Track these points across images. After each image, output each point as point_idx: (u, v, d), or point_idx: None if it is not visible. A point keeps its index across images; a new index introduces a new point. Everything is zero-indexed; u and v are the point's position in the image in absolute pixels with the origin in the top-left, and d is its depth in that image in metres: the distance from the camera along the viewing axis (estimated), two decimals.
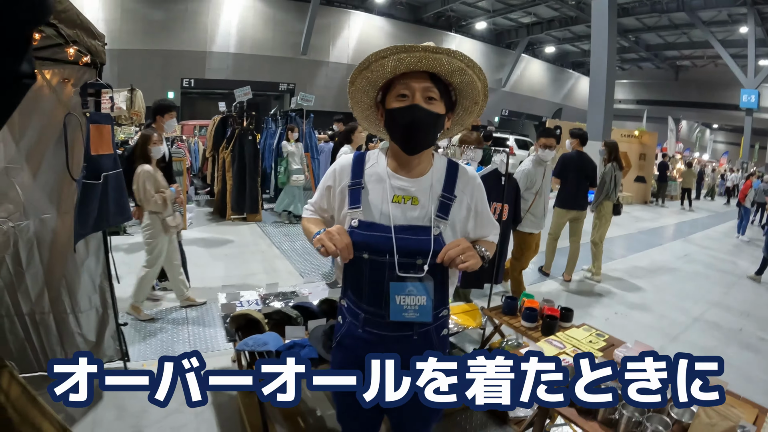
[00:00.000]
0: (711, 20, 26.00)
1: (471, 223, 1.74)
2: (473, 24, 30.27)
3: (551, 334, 3.19)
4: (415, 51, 1.49)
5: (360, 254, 1.58)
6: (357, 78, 1.60)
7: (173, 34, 21.47)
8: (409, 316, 1.54)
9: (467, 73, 1.58)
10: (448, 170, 1.69)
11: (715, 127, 42.56)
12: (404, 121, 1.56)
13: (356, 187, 1.64)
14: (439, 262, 1.55)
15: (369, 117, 1.75)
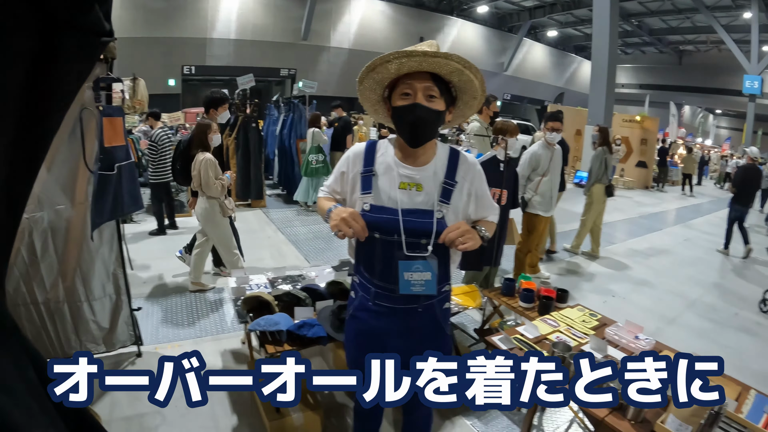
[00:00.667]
0: (715, 5, 25.80)
1: (472, 206, 1.91)
2: (475, 7, 30.08)
3: (547, 314, 3.32)
4: (416, 56, 1.64)
5: (372, 234, 1.76)
6: (365, 78, 1.76)
7: (174, 22, 21.36)
8: (416, 290, 1.73)
9: (465, 73, 1.72)
10: (450, 158, 1.85)
11: (718, 113, 42.36)
12: (408, 118, 1.72)
13: (368, 174, 1.82)
14: (441, 243, 1.72)
15: (378, 110, 1.92)
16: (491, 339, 2.83)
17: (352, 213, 1.71)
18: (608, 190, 7.08)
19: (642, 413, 2.08)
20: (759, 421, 2.14)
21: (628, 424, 2.07)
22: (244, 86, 8.99)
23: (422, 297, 1.81)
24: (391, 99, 1.79)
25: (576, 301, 3.95)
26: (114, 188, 3.07)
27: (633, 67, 39.89)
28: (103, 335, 3.54)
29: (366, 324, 1.89)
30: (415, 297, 1.80)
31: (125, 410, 3.08)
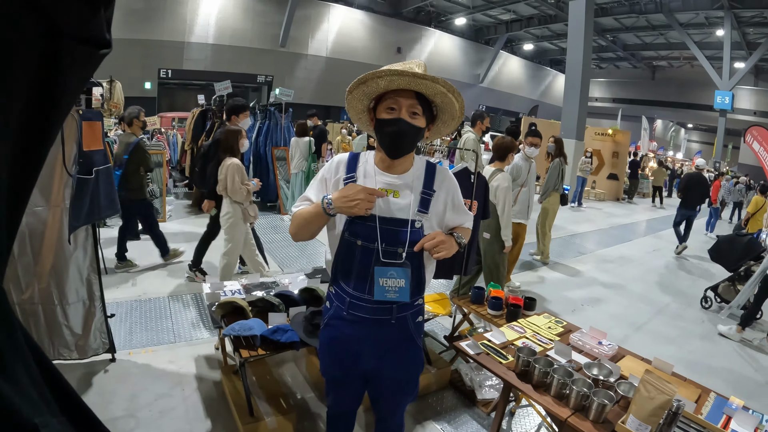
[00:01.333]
0: (688, 22, 26.51)
1: (449, 214, 2.00)
2: (453, 19, 30.41)
3: (514, 321, 3.43)
4: (406, 75, 1.73)
5: (355, 241, 1.84)
6: (355, 90, 1.85)
7: (152, 24, 21.16)
8: (390, 296, 1.81)
9: (448, 96, 1.83)
10: (427, 169, 1.95)
11: (690, 127, 43.34)
12: (390, 131, 1.82)
13: (350, 180, 1.90)
14: (416, 251, 1.82)
15: (362, 119, 2.01)
16: (460, 345, 2.91)
17: (362, 188, 1.78)
18: (563, 199, 7.41)
19: (604, 414, 2.17)
20: (718, 421, 2.24)
21: (590, 425, 2.16)
22: (222, 92, 9.00)
23: (395, 309, 1.88)
24: (376, 110, 1.89)
25: (546, 309, 4.06)
26: (92, 192, 3.10)
27: (607, 81, 40.64)
28: (76, 341, 3.53)
29: (339, 332, 1.94)
30: (388, 308, 1.87)
31: (99, 414, 3.06)
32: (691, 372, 3.28)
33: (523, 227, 5.91)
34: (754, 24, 24.79)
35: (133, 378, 3.55)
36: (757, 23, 24.53)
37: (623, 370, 2.61)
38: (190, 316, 4.70)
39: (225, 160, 4.67)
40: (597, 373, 2.50)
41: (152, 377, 3.58)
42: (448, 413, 3.44)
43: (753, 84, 31.85)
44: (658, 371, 2.64)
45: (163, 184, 8.25)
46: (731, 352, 5.13)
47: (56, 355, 3.48)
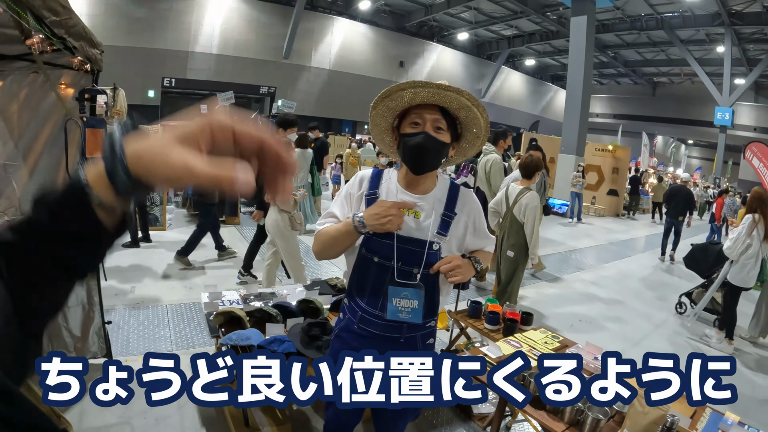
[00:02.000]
0: (689, 39, 26.68)
1: (469, 237, 1.97)
2: (455, 34, 30.61)
3: (511, 336, 3.44)
4: (430, 87, 1.73)
5: (371, 257, 1.84)
6: (379, 104, 1.83)
7: (156, 33, 21.32)
8: (402, 316, 1.81)
9: (472, 110, 1.81)
10: (450, 190, 1.94)
11: (690, 143, 43.46)
12: (413, 144, 1.80)
13: (372, 197, 1.89)
14: (431, 273, 1.81)
15: (384, 139, 1.99)
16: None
17: (393, 203, 1.77)
18: (545, 210, 7.44)
19: (598, 429, 2.18)
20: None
21: None
22: (224, 103, 9.06)
23: (405, 328, 1.87)
24: (400, 128, 1.87)
25: (543, 324, 4.07)
26: None
27: (608, 98, 40.79)
28: (75, 343, 3.53)
29: (347, 344, 1.92)
30: (398, 327, 1.86)
31: (94, 420, 3.08)
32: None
33: None
34: (754, 40, 24.97)
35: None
36: (757, 39, 24.71)
37: None
38: (187, 325, 4.70)
39: None
40: None
41: None
42: (444, 427, 3.44)
43: (753, 100, 31.99)
44: None
45: (163, 193, 8.26)
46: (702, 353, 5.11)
47: None
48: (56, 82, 3.03)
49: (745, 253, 5.37)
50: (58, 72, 3.05)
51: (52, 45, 2.59)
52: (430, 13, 27.13)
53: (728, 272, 5.54)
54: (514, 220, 4.85)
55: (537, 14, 24.83)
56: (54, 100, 3.07)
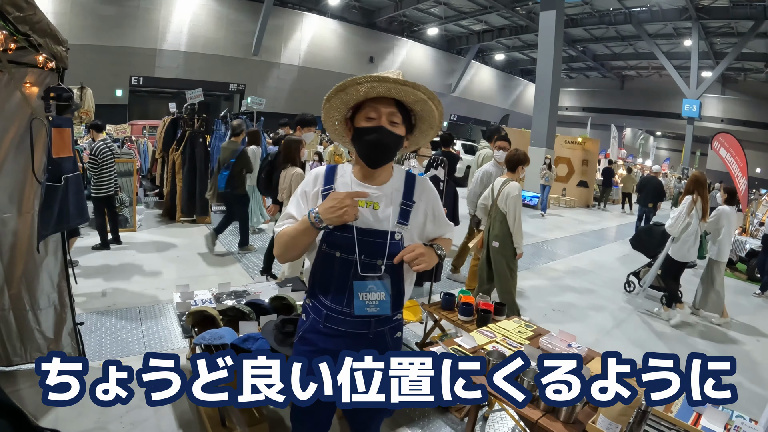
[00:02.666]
0: (657, 33, 27.20)
1: (429, 225, 1.96)
2: (425, 30, 30.71)
3: (485, 326, 3.47)
4: (387, 82, 1.71)
5: (333, 252, 1.79)
6: (333, 97, 1.80)
7: (124, 31, 20.97)
8: (370, 310, 1.77)
9: (428, 103, 1.81)
10: (407, 180, 1.92)
11: (658, 135, 44.20)
12: (370, 139, 1.78)
13: (328, 192, 1.83)
14: (396, 263, 1.78)
15: (338, 130, 1.95)
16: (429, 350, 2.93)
17: (345, 194, 1.73)
18: None
19: (574, 414, 2.21)
20: (688, 419, 2.28)
21: (561, 426, 2.20)
22: (193, 100, 8.94)
23: (373, 323, 1.83)
24: (354, 120, 1.85)
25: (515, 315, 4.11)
26: (60, 200, 3.05)
27: (577, 91, 41.32)
28: (47, 345, 3.49)
29: (315, 346, 1.87)
30: (366, 323, 1.82)
31: (70, 426, 3.02)
32: None
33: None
34: (721, 34, 25.59)
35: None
36: (724, 33, 25.33)
37: (593, 371, 2.65)
38: (160, 327, 4.65)
39: (288, 169, 4.90)
40: None
41: None
42: (421, 420, 3.45)
43: (720, 92, 32.85)
44: None
45: (133, 193, 8.13)
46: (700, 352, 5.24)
47: (28, 359, 3.45)
48: (21, 81, 2.95)
49: (685, 231, 5.91)
50: (23, 70, 2.97)
51: (16, 42, 2.52)
52: (400, 9, 27.19)
53: (670, 249, 6.07)
54: (498, 212, 4.87)
55: (506, 9, 25.08)
56: (19, 100, 2.99)
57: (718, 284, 6.33)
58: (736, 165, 13.00)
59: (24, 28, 2.50)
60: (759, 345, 5.75)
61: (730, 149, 13.31)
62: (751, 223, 11.76)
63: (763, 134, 31.84)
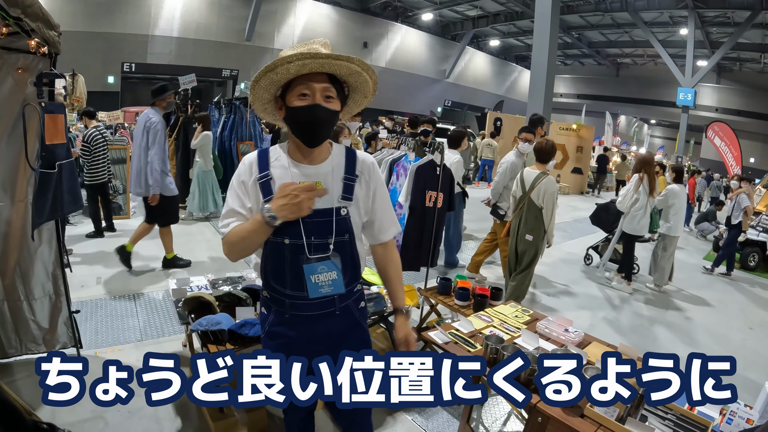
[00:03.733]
0: (653, 21, 27.14)
1: (375, 206, 1.93)
2: (419, 15, 30.50)
3: (481, 311, 3.46)
4: (320, 58, 1.65)
5: (282, 240, 1.74)
6: (262, 78, 1.71)
7: (115, 16, 20.69)
8: (325, 291, 1.77)
9: (362, 75, 1.77)
10: (347, 155, 1.88)
11: (653, 123, 44.33)
12: (306, 118, 1.72)
13: (265, 179, 1.77)
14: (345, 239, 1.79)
15: (267, 109, 1.87)
16: (428, 335, 2.94)
17: (295, 188, 1.63)
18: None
19: None
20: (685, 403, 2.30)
21: (559, 410, 2.20)
22: (186, 86, 8.87)
23: (337, 299, 1.82)
24: (285, 98, 1.77)
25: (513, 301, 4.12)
26: (54, 187, 3.02)
27: (572, 78, 41.27)
28: (43, 335, 3.48)
29: (285, 337, 1.84)
30: (330, 301, 1.81)
31: (67, 416, 3.02)
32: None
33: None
34: (717, 23, 25.58)
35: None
36: (720, 23, 25.33)
37: (590, 356, 2.66)
38: (156, 314, 4.64)
39: None
40: None
41: None
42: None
43: (715, 82, 32.90)
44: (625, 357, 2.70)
45: (126, 181, 8.08)
46: (697, 339, 5.31)
47: (24, 350, 3.44)
48: (13, 67, 2.91)
49: (634, 206, 6.40)
50: (14, 56, 2.93)
51: (8, 27, 2.48)
52: None
53: (623, 223, 6.61)
54: (532, 205, 4.89)
55: None
56: (11, 86, 2.95)
57: (667, 257, 6.84)
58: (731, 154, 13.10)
59: (16, 11, 2.45)
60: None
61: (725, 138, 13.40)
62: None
63: (757, 124, 32.01)
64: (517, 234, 5.02)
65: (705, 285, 7.65)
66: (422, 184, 4.88)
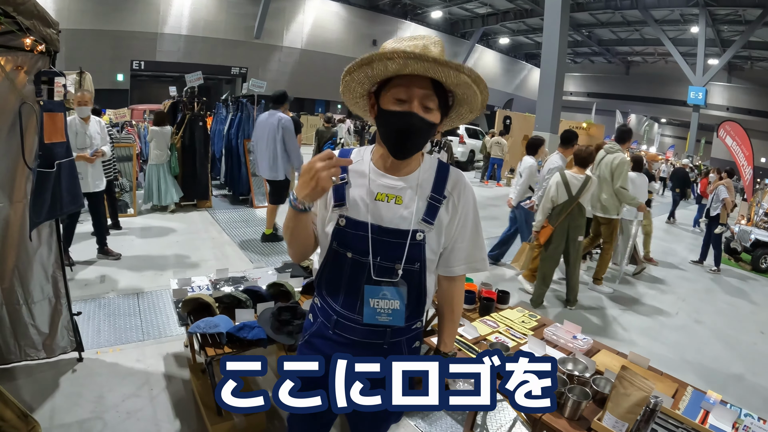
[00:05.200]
0: (663, 19, 26.92)
1: (458, 236, 1.68)
2: (429, 12, 30.39)
3: (487, 315, 3.39)
4: (425, 60, 1.39)
5: (345, 252, 1.57)
6: (356, 71, 1.48)
7: (124, 15, 20.79)
8: (382, 319, 1.56)
9: (472, 87, 1.50)
10: (439, 169, 1.64)
11: (663, 122, 44.01)
12: (398, 126, 1.50)
13: (340, 182, 1.58)
14: (416, 269, 1.58)
15: (359, 104, 1.65)
16: (431, 341, 2.84)
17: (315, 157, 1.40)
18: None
19: (579, 411, 2.14)
20: (696, 416, 2.23)
21: (565, 422, 2.13)
22: (193, 84, 8.84)
23: (389, 332, 1.62)
24: (379, 97, 1.54)
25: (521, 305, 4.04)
26: (53, 186, 2.98)
27: (581, 76, 41.07)
28: (42, 340, 3.42)
29: (320, 352, 1.64)
30: (381, 332, 1.61)
31: (65, 417, 2.99)
32: (666, 364, 3.31)
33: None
34: (728, 21, 25.34)
35: (100, 378, 3.45)
36: (732, 21, 25.09)
37: (599, 365, 2.59)
38: (158, 313, 4.59)
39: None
40: (572, 369, 2.45)
41: (120, 377, 3.48)
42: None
43: (726, 80, 32.60)
44: (634, 366, 2.63)
45: (133, 178, 8.07)
46: (704, 344, 5.21)
47: (23, 357, 3.38)
48: (10, 66, 2.87)
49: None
50: (12, 54, 2.89)
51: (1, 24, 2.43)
52: None
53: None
54: (581, 208, 5.13)
55: None
56: (9, 85, 2.91)
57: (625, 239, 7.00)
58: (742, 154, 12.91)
59: (8, 9, 2.40)
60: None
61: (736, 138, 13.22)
62: (756, 213, 11.68)
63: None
64: (569, 238, 5.19)
65: (713, 287, 7.52)
66: None
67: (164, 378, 3.51)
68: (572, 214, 5.12)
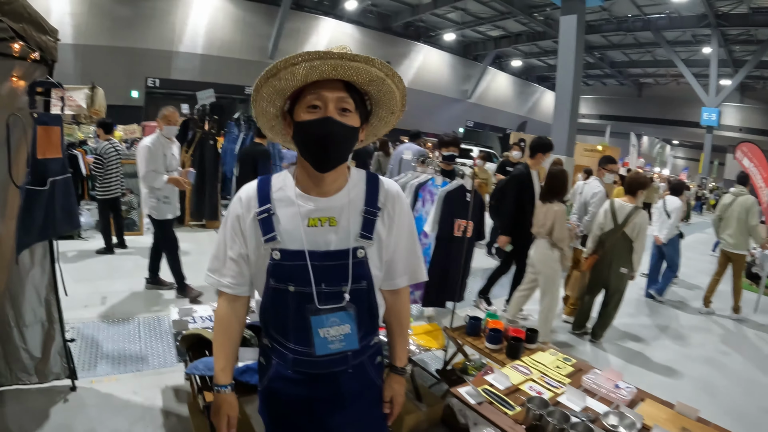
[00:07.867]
0: (675, 40, 26.76)
1: (397, 247, 1.61)
2: (442, 35, 30.42)
3: (516, 357, 3.10)
4: (330, 58, 1.34)
5: (285, 286, 1.46)
6: (263, 86, 1.43)
7: (140, 32, 20.92)
8: (335, 347, 1.48)
9: (386, 82, 1.45)
10: (369, 182, 1.56)
11: (676, 143, 43.68)
12: (316, 135, 1.41)
13: (265, 215, 1.48)
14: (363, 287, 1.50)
15: (275, 128, 1.58)
16: (458, 392, 2.53)
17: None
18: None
19: None
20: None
21: None
22: (204, 101, 8.72)
23: (350, 356, 1.53)
24: (294, 113, 1.46)
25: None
26: (46, 205, 2.74)
27: (593, 98, 41.00)
28: (35, 365, 3.22)
29: (286, 395, 1.56)
30: (341, 358, 1.51)
31: None
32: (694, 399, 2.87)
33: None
34: (740, 42, 25.19)
35: (92, 411, 3.21)
36: (744, 41, 24.94)
37: (645, 418, 2.29)
38: (159, 340, 4.35)
39: (552, 205, 4.63)
40: (617, 424, 2.18)
41: (114, 410, 3.24)
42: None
43: (739, 101, 32.34)
44: (683, 418, 2.35)
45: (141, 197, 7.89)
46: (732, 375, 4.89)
47: (14, 381, 3.19)
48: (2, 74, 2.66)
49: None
50: (9, 63, 2.68)
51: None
52: (417, 14, 26.87)
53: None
54: (626, 239, 4.92)
55: (524, 15, 24.63)
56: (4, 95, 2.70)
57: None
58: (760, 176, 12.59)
59: None
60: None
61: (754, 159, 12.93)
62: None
63: None
64: (611, 267, 4.99)
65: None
66: (451, 211, 4.55)
67: (161, 414, 3.25)
68: (616, 244, 4.95)
